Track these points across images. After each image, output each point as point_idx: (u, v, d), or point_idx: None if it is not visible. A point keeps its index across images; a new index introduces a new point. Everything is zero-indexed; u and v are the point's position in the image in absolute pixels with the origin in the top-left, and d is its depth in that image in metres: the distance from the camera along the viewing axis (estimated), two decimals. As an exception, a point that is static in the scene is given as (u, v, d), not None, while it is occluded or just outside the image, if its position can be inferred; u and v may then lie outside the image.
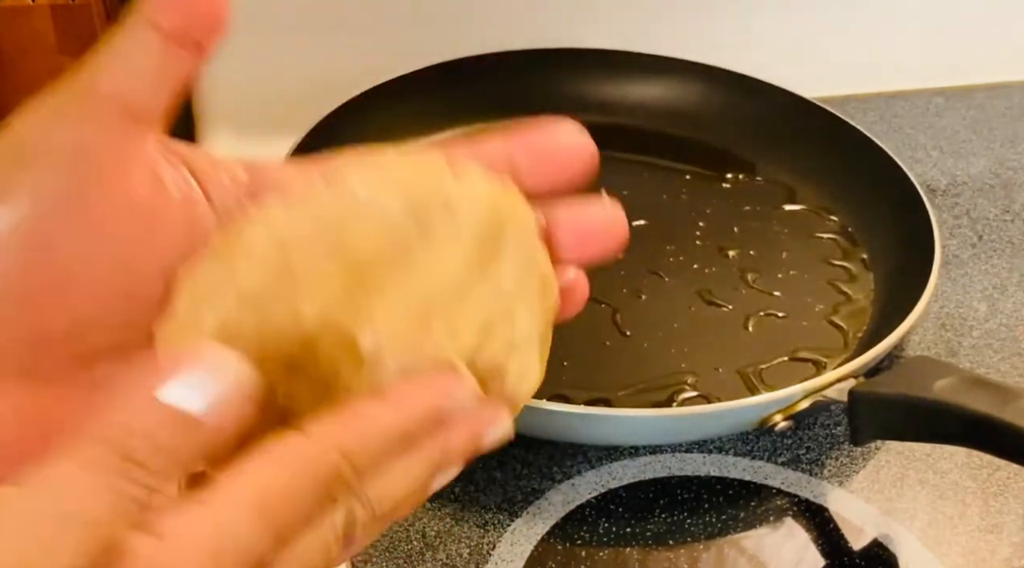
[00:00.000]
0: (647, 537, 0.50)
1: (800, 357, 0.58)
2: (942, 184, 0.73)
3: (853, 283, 0.63)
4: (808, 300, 0.61)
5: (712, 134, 0.73)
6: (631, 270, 0.63)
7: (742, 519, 0.51)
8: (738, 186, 0.70)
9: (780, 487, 0.52)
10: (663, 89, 0.74)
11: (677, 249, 0.64)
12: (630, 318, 0.60)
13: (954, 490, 0.53)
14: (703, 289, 0.62)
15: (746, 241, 0.65)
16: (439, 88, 0.72)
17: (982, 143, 0.77)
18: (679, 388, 0.56)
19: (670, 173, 0.71)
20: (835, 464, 0.54)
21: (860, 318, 0.60)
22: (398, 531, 0.49)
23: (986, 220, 0.70)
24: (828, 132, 0.70)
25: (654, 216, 0.67)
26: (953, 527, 0.51)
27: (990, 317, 0.63)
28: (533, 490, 0.52)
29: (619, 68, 0.75)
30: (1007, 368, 0.60)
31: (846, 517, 0.51)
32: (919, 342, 0.61)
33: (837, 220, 0.67)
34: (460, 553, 0.49)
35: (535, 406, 0.51)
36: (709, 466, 0.53)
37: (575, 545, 0.49)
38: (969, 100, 0.82)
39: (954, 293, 0.64)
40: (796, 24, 0.84)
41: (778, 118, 0.72)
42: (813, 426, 0.56)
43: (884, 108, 0.80)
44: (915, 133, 0.78)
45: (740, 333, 0.59)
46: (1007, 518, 0.52)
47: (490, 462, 0.53)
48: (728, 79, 0.74)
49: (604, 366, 0.57)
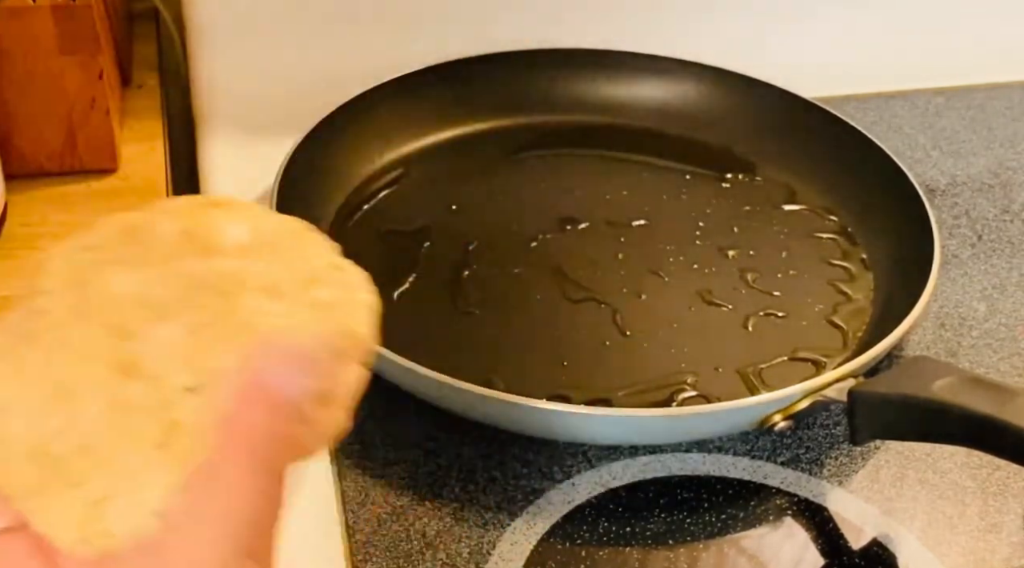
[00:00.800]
0: (647, 537, 0.50)
1: (800, 357, 0.58)
2: (941, 184, 0.73)
3: (853, 283, 0.63)
4: (808, 300, 0.61)
5: (712, 134, 0.73)
6: (631, 270, 0.63)
7: (742, 519, 0.51)
8: (738, 186, 0.70)
9: (780, 487, 0.53)
10: (663, 89, 0.75)
11: (677, 249, 0.64)
12: (630, 318, 0.60)
13: (954, 490, 0.53)
14: (703, 289, 0.62)
15: (746, 241, 0.65)
16: (439, 88, 0.72)
17: (981, 143, 0.77)
18: (679, 388, 0.56)
19: (670, 173, 0.71)
20: (835, 464, 0.54)
21: (860, 318, 0.60)
22: (398, 530, 0.49)
23: (985, 220, 0.70)
24: (828, 132, 0.70)
25: (654, 216, 0.67)
26: (953, 527, 0.51)
27: (989, 317, 0.63)
28: (533, 490, 0.52)
29: (619, 68, 0.75)
30: (1006, 368, 0.60)
31: (846, 517, 0.51)
32: (918, 342, 0.61)
33: (837, 220, 0.67)
34: (460, 552, 0.49)
35: (535, 406, 0.51)
36: (709, 466, 0.53)
37: (575, 545, 0.49)
38: (969, 100, 0.82)
39: (953, 293, 0.64)
40: (796, 24, 0.84)
41: (778, 118, 0.72)
42: (813, 426, 0.56)
43: (884, 108, 0.80)
44: (915, 133, 0.78)
45: (740, 333, 0.59)
46: (1006, 518, 0.52)
47: (490, 462, 0.53)
48: (728, 79, 0.74)
49: (604, 366, 0.57)
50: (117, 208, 0.70)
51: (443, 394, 0.52)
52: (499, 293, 0.61)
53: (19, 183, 0.66)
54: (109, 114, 0.66)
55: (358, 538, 0.49)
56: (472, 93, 0.73)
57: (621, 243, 0.65)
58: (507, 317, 0.60)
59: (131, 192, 0.67)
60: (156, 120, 0.73)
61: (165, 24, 0.81)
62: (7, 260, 0.62)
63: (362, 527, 0.50)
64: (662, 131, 0.74)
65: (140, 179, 0.68)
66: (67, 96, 0.65)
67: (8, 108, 0.64)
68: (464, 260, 0.63)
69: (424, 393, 0.54)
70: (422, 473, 0.52)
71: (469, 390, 0.51)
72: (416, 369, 0.51)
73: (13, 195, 0.65)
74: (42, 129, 0.66)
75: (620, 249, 0.64)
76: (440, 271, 0.62)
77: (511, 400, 0.50)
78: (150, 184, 0.68)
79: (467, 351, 0.57)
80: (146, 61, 0.79)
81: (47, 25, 0.62)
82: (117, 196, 0.67)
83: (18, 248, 0.63)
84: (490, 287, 0.62)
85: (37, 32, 0.62)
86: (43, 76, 0.64)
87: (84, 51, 0.64)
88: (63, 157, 0.67)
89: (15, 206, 0.65)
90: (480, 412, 0.53)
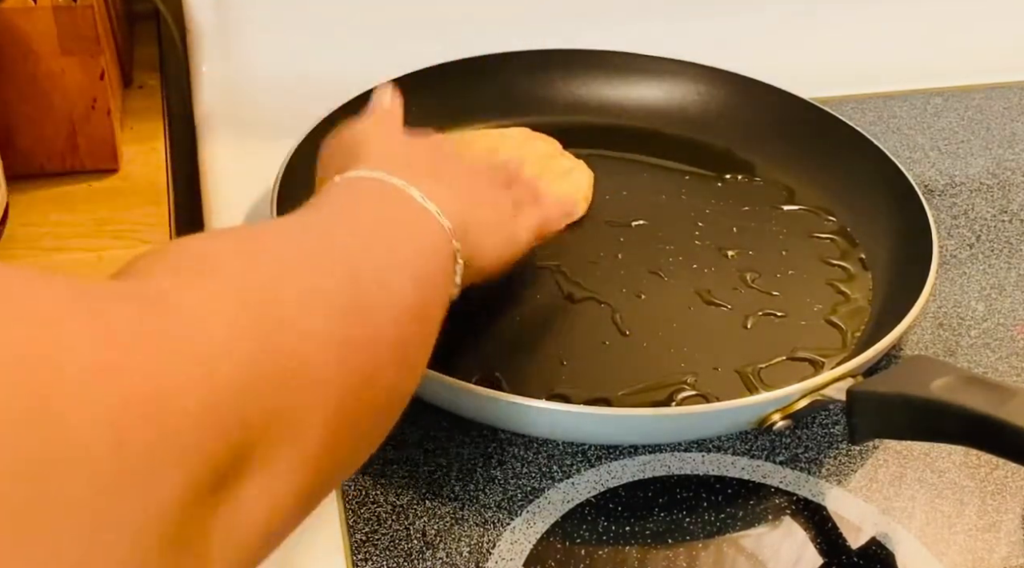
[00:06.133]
0: (646, 536, 0.50)
1: (799, 356, 0.58)
2: (940, 184, 0.73)
3: (851, 283, 0.63)
4: (807, 300, 0.62)
5: (711, 134, 0.73)
6: (631, 270, 0.63)
7: (741, 518, 0.51)
8: (737, 186, 0.70)
9: (779, 486, 0.53)
10: (663, 89, 0.75)
11: (676, 249, 0.65)
12: (630, 318, 0.60)
13: (952, 489, 0.53)
14: (702, 289, 0.62)
15: (745, 241, 0.65)
16: (439, 88, 0.72)
17: (980, 143, 0.77)
18: (678, 388, 0.56)
19: (669, 173, 0.71)
20: (833, 463, 0.54)
21: (858, 318, 0.60)
22: (398, 530, 0.50)
23: (984, 220, 0.70)
24: (827, 133, 0.71)
25: (654, 216, 0.67)
26: (951, 526, 0.51)
27: (988, 317, 0.63)
28: (533, 489, 0.52)
29: (619, 69, 0.75)
30: (1005, 367, 0.60)
31: (844, 516, 0.52)
32: (917, 341, 0.61)
33: (835, 220, 0.67)
34: (460, 551, 0.49)
35: (535, 406, 0.51)
36: (708, 465, 0.53)
37: (575, 544, 0.50)
38: (967, 100, 0.82)
39: (952, 293, 0.64)
40: (795, 25, 0.85)
41: (777, 119, 0.72)
42: (812, 425, 0.56)
43: (882, 108, 0.80)
44: (913, 133, 0.78)
45: (739, 333, 0.59)
46: (1005, 517, 0.52)
47: (490, 461, 0.53)
48: (727, 79, 0.74)
49: (604, 366, 0.57)
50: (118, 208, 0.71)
51: (443, 394, 0.53)
52: (499, 293, 0.61)
53: (20, 183, 0.66)
54: (110, 114, 0.66)
55: (358, 537, 0.49)
56: (472, 93, 0.73)
57: (621, 243, 0.65)
58: (507, 317, 0.60)
59: (132, 192, 0.67)
60: (157, 120, 0.74)
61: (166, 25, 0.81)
62: (8, 260, 0.62)
63: (362, 526, 0.50)
64: (662, 131, 0.74)
65: (141, 179, 0.68)
66: (68, 96, 0.65)
67: (9, 108, 0.65)
68: (464, 260, 0.63)
69: (424, 393, 0.54)
70: (422, 473, 0.52)
71: (469, 390, 0.51)
72: (416, 369, 0.51)
73: (14, 195, 0.65)
74: (43, 129, 0.66)
75: (620, 249, 0.64)
76: (440, 271, 0.62)
77: (511, 400, 0.51)
78: (151, 184, 0.68)
79: (467, 351, 0.57)
80: (147, 62, 0.80)
81: (48, 26, 0.62)
82: (118, 196, 0.67)
83: (19, 248, 0.63)
84: (490, 287, 0.62)
85: (38, 33, 0.62)
86: (44, 77, 0.64)
87: (85, 52, 0.64)
88: (64, 157, 0.67)
89: (16, 206, 0.65)
90: (480, 412, 0.53)
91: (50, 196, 0.66)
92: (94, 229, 0.64)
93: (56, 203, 0.66)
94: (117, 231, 0.64)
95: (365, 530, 0.50)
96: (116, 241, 0.64)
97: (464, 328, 0.59)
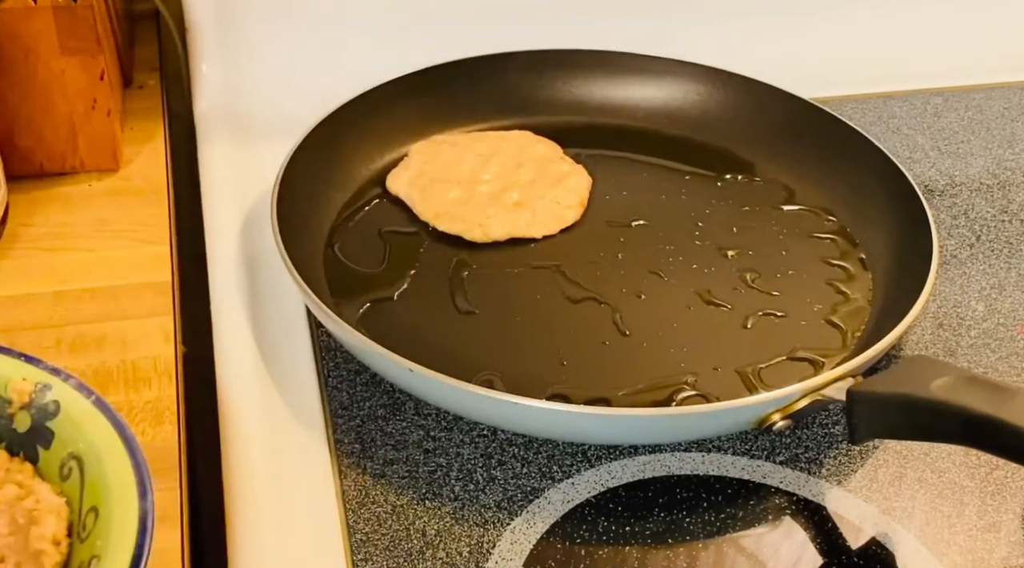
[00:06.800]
0: (646, 536, 0.50)
1: (799, 356, 0.58)
2: (940, 184, 0.73)
3: (851, 283, 0.63)
4: (807, 300, 0.62)
5: (711, 134, 0.73)
6: (631, 270, 0.63)
7: (741, 518, 0.51)
8: (737, 186, 0.70)
9: (779, 486, 0.53)
10: (662, 90, 0.75)
11: (676, 249, 0.65)
12: (630, 318, 0.60)
13: (952, 489, 0.53)
14: (702, 289, 0.62)
15: (745, 241, 0.65)
16: (439, 88, 0.73)
17: (980, 143, 0.77)
18: (678, 388, 0.56)
19: (669, 173, 0.71)
20: (833, 463, 0.54)
21: (858, 318, 0.60)
22: (398, 530, 0.50)
23: (984, 220, 0.70)
24: (826, 133, 0.71)
25: (654, 216, 0.67)
26: (951, 526, 0.51)
27: (988, 317, 0.63)
28: (533, 489, 0.52)
29: (619, 69, 0.75)
30: (1005, 367, 0.60)
31: (844, 516, 0.52)
32: (917, 341, 0.61)
33: (835, 220, 0.67)
34: (460, 551, 0.49)
35: (535, 406, 0.51)
36: (708, 465, 0.53)
37: (575, 544, 0.50)
38: (967, 101, 0.82)
39: (952, 293, 0.64)
40: (794, 25, 0.85)
41: (777, 119, 0.72)
42: (811, 425, 0.56)
43: (882, 109, 0.80)
44: (913, 133, 0.78)
45: (739, 333, 0.59)
46: (1005, 517, 0.52)
47: (490, 461, 0.53)
48: (727, 80, 0.74)
49: (604, 366, 0.57)
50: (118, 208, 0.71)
51: (443, 394, 0.53)
52: (499, 293, 0.61)
53: (20, 183, 0.66)
54: (110, 115, 0.66)
55: (358, 537, 0.49)
56: (472, 94, 0.73)
57: (621, 243, 0.65)
58: (507, 317, 0.60)
59: (132, 192, 0.67)
60: (157, 121, 0.73)
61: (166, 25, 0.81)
62: (8, 260, 0.62)
63: (362, 526, 0.50)
64: (662, 131, 0.74)
65: (141, 179, 0.68)
66: (68, 97, 0.65)
67: (9, 108, 0.65)
68: (464, 260, 0.63)
69: (424, 393, 0.54)
70: (422, 473, 0.52)
71: (469, 390, 0.51)
72: (416, 369, 0.51)
73: (14, 195, 0.65)
74: (43, 129, 0.66)
75: (620, 249, 0.64)
76: (440, 271, 0.62)
77: (511, 400, 0.51)
78: (151, 184, 0.68)
79: (467, 351, 0.57)
80: (147, 62, 0.80)
81: (48, 26, 0.62)
82: (118, 196, 0.67)
83: (20, 248, 0.63)
84: (490, 287, 0.62)
85: (38, 32, 0.62)
86: (44, 77, 0.64)
87: (85, 51, 0.64)
88: (64, 157, 0.67)
89: (16, 206, 0.65)
90: (480, 412, 0.53)
91: (50, 196, 0.66)
92: (94, 229, 0.64)
93: (56, 203, 0.66)
94: (117, 231, 0.64)
95: (365, 530, 0.50)
96: (116, 241, 0.64)
97: (464, 328, 0.59)
